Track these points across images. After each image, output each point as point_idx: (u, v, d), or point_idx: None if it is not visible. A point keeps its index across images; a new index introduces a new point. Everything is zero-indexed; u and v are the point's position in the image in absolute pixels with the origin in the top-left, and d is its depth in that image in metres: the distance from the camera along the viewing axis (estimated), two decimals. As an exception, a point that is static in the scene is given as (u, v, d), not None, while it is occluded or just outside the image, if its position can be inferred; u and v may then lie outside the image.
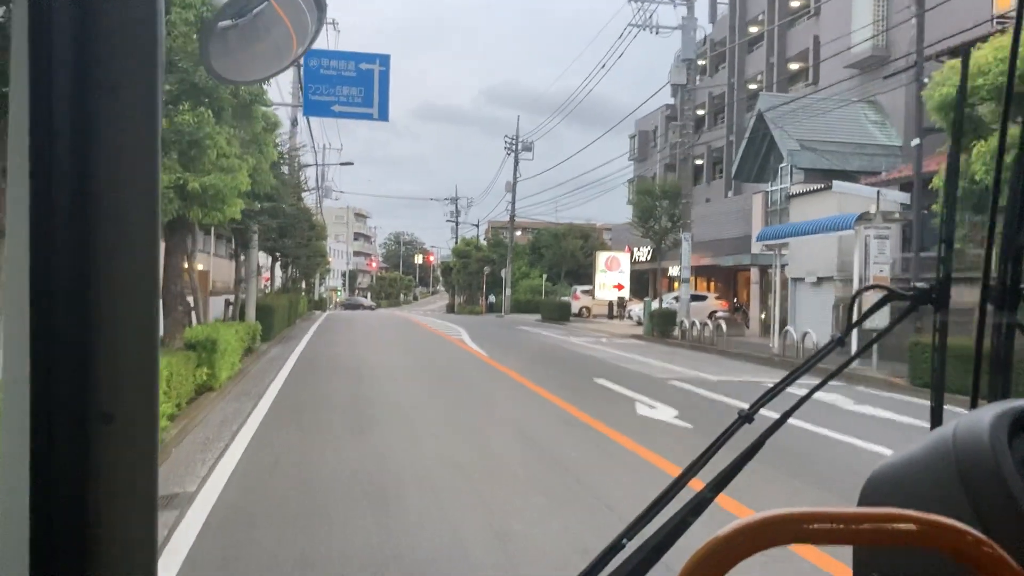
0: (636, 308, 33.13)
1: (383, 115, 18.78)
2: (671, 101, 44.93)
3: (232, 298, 19.46)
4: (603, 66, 42.06)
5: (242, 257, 19.19)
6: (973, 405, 0.98)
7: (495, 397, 11.52)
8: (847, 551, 0.79)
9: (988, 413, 0.76)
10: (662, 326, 24.38)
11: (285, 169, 18.77)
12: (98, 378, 0.61)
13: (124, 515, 0.62)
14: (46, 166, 0.59)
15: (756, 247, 25.03)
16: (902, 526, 0.53)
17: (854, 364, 13.19)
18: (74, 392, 0.60)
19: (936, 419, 0.99)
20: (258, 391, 10.79)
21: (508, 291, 48.95)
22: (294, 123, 25.92)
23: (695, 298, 26.50)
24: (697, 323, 22.07)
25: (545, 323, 36.23)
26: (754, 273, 28.07)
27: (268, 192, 13.30)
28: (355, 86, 18.40)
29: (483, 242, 64.96)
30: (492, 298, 56.17)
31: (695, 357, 18.13)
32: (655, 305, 26.10)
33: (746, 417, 0.99)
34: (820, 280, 19.19)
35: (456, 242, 73.10)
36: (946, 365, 1.04)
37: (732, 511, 4.37)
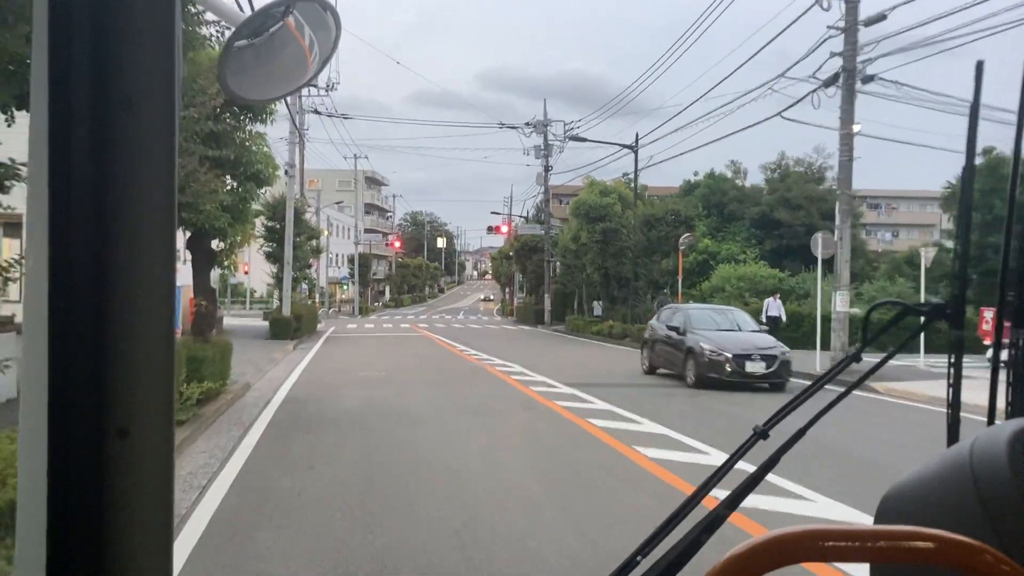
0: None
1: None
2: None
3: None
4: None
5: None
6: (990, 422, 0.97)
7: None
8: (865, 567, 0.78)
9: (1006, 430, 0.75)
10: None
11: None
12: (114, 393, 0.61)
13: (140, 529, 0.62)
14: (65, 182, 0.60)
15: None
16: (919, 544, 0.53)
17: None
18: (91, 407, 0.61)
19: (953, 436, 0.98)
20: None
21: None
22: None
23: None
24: None
25: None
26: None
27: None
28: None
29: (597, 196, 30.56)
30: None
31: None
32: None
33: (761, 433, 0.98)
34: None
35: (527, 208, 43.23)
36: (962, 381, 1.03)
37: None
